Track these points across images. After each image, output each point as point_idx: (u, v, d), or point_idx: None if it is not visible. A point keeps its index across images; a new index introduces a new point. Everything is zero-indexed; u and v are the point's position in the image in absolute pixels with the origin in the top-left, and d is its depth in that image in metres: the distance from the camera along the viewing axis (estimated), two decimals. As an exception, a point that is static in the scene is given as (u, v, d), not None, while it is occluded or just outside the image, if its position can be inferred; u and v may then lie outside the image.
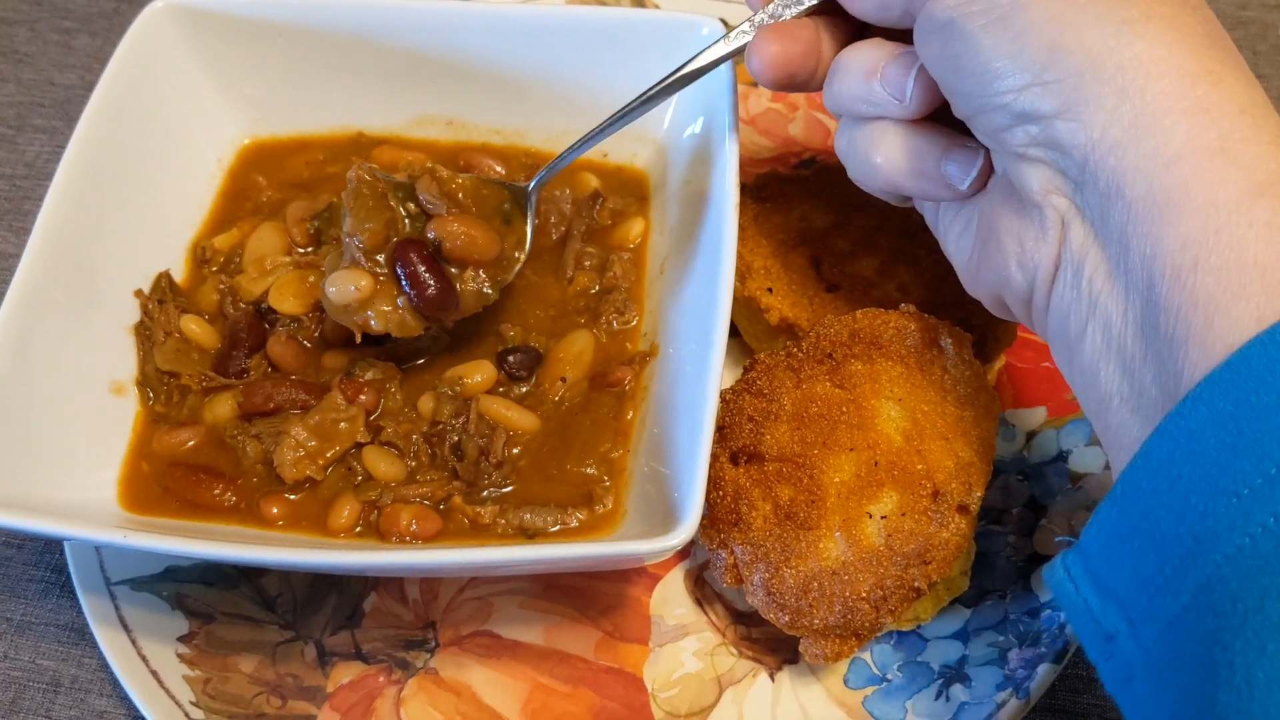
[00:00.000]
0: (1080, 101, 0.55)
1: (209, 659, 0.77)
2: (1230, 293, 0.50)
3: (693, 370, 0.74)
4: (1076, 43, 0.55)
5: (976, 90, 0.59)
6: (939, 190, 0.67)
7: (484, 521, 0.76)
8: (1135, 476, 0.50)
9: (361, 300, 0.77)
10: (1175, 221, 0.52)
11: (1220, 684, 0.44)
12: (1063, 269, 0.58)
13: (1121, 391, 0.55)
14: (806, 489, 0.71)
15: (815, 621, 0.69)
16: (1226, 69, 0.55)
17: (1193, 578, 0.47)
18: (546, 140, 0.93)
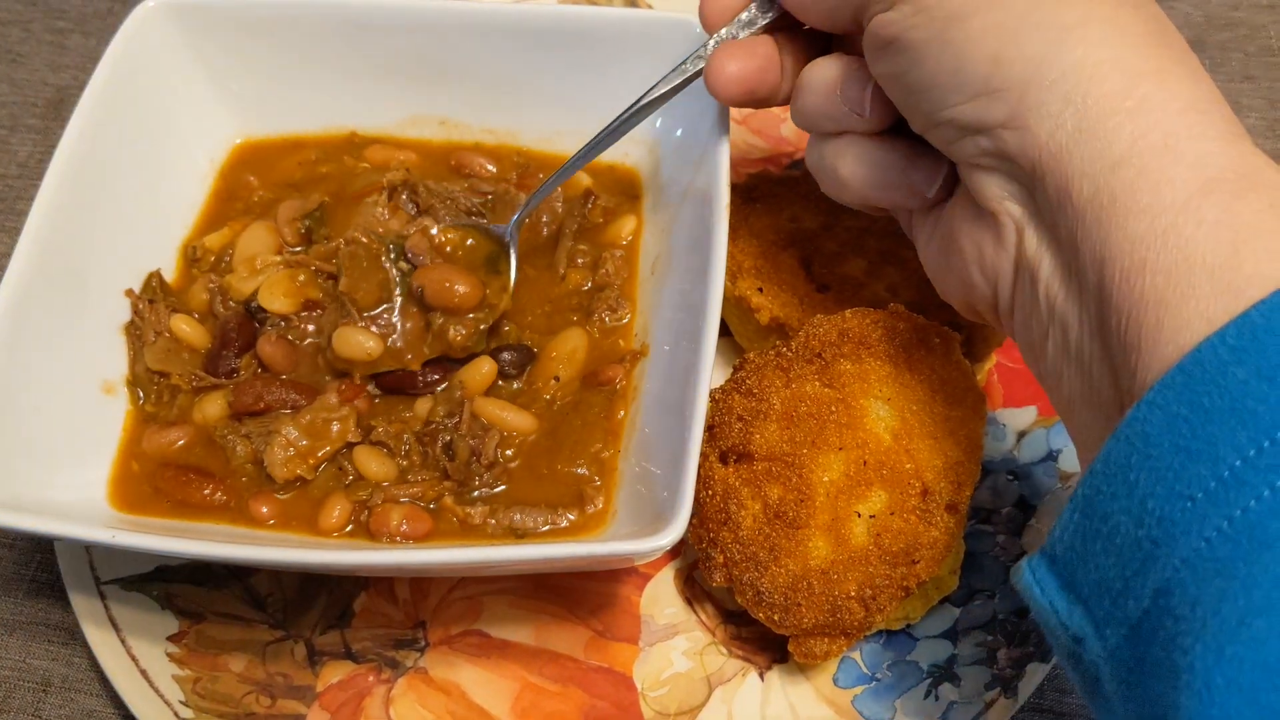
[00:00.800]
0: (1025, 110, 0.55)
1: (199, 658, 0.78)
2: (1179, 293, 0.50)
3: (683, 369, 0.74)
4: (1017, 52, 0.55)
5: (925, 105, 0.60)
6: (905, 200, 0.68)
7: (474, 522, 0.76)
8: (1095, 480, 0.50)
9: (371, 360, 0.80)
10: (1122, 223, 0.52)
11: (1181, 688, 0.44)
12: (1021, 275, 0.59)
13: (1083, 394, 0.55)
14: (795, 488, 0.71)
15: (804, 621, 0.69)
16: (1171, 65, 0.55)
17: (1152, 582, 0.47)
18: (539, 140, 0.93)
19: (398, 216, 0.89)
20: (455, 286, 0.81)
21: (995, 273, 0.60)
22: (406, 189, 0.89)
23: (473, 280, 0.82)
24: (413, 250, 0.83)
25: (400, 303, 0.82)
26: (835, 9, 0.66)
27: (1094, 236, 0.53)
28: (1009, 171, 0.58)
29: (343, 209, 0.90)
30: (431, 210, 0.88)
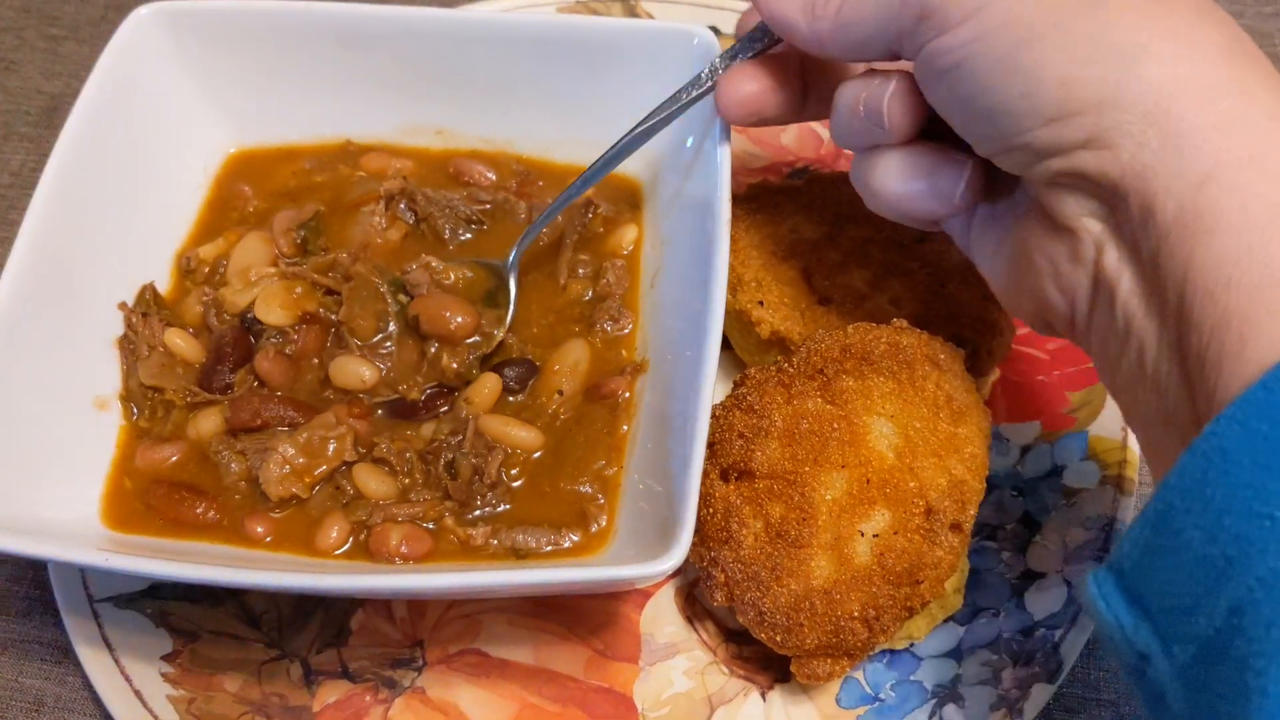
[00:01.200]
0: (1104, 131, 0.54)
1: (193, 678, 0.76)
2: (1265, 310, 0.49)
3: (684, 385, 0.73)
4: (1090, 74, 0.54)
5: (994, 133, 0.59)
6: (938, 207, 0.67)
7: (475, 543, 0.75)
8: (1169, 495, 0.49)
9: (367, 389, 0.80)
10: (1207, 241, 0.51)
11: (1253, 711, 0.43)
12: (1099, 291, 0.58)
13: (1159, 410, 0.54)
14: (797, 506, 0.70)
15: (807, 641, 0.68)
16: (1252, 78, 0.54)
17: (1225, 600, 0.46)
18: (537, 149, 0.92)
19: (396, 226, 0.88)
20: (450, 316, 0.81)
21: (1072, 289, 0.59)
22: (404, 197, 0.88)
23: (469, 310, 0.82)
24: (412, 284, 0.83)
25: (396, 332, 0.81)
26: (865, 42, 0.64)
27: (1178, 254, 0.52)
28: (1088, 190, 0.56)
29: (339, 218, 0.89)
30: (430, 219, 0.87)
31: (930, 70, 0.61)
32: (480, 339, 0.82)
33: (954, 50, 0.58)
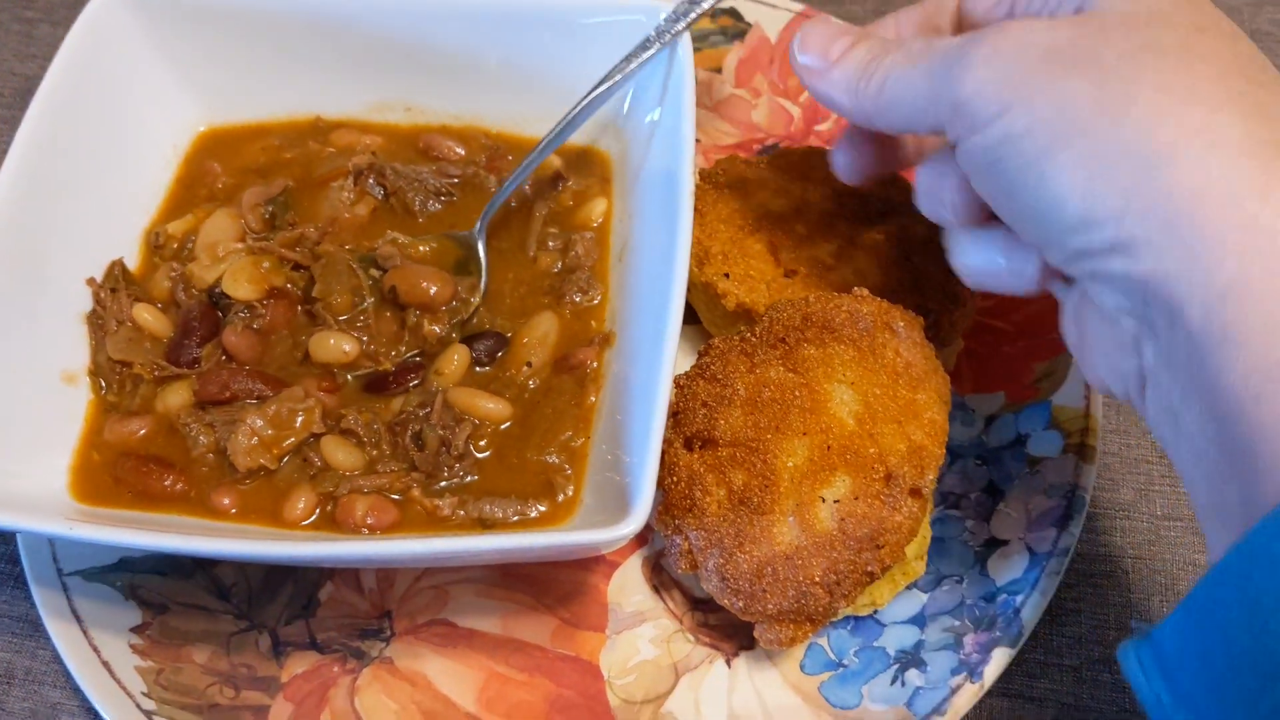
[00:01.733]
0: (1128, 239, 0.53)
1: (162, 650, 0.77)
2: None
3: (648, 355, 0.73)
4: (1111, 185, 0.54)
5: (1030, 230, 0.60)
6: (1016, 285, 0.67)
7: (442, 513, 0.75)
8: (1213, 590, 0.49)
9: (348, 361, 0.81)
10: (1235, 354, 0.50)
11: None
12: (1147, 383, 0.57)
13: (1210, 500, 0.54)
14: (760, 473, 0.71)
15: (769, 606, 0.69)
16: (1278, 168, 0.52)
17: (1269, 700, 0.46)
18: (506, 123, 0.93)
19: (364, 201, 0.88)
20: (428, 284, 0.82)
21: (1124, 373, 0.58)
22: (373, 172, 0.89)
23: (444, 277, 0.83)
24: (382, 258, 0.84)
25: (372, 305, 0.82)
26: (910, 122, 0.65)
27: (1207, 364, 0.51)
28: (1121, 288, 0.55)
29: (308, 194, 0.89)
30: (399, 193, 0.88)
31: (969, 161, 0.61)
32: (458, 304, 0.82)
33: (985, 151, 0.58)
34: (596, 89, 0.80)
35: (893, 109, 0.65)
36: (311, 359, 0.81)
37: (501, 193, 0.84)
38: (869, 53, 0.67)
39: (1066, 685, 0.76)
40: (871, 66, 0.66)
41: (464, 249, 0.85)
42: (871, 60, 0.66)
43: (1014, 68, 0.57)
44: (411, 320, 0.82)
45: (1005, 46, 0.58)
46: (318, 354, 0.81)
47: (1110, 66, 0.55)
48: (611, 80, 0.79)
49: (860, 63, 0.67)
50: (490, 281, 0.85)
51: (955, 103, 0.59)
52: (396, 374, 0.80)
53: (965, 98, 0.58)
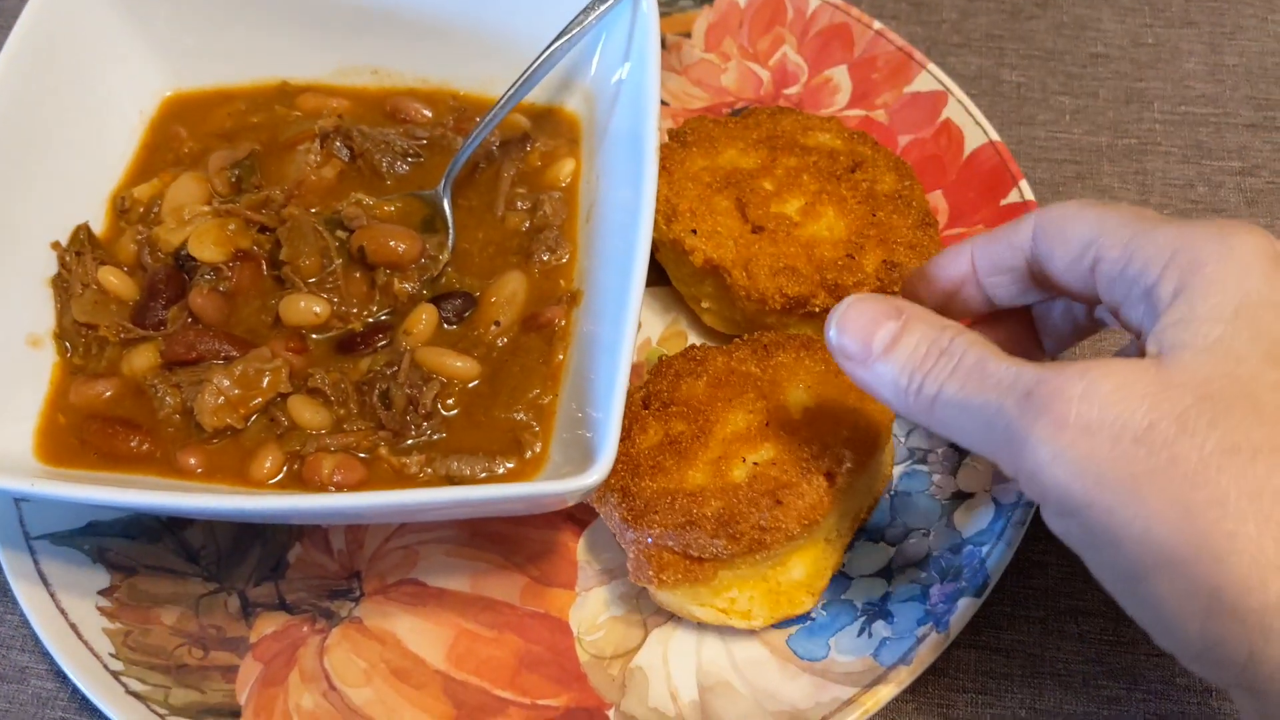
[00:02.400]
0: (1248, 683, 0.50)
1: (130, 611, 0.77)
2: None
3: (613, 312, 0.73)
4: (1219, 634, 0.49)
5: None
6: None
7: (409, 471, 0.75)
8: None
9: (320, 323, 0.81)
10: None
11: None
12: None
13: None
14: (698, 428, 0.73)
15: (654, 529, 0.69)
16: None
17: None
18: (474, 86, 0.92)
19: (331, 163, 0.88)
20: (396, 243, 0.82)
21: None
22: (340, 135, 0.88)
23: (411, 235, 0.83)
24: (348, 219, 0.83)
25: (340, 266, 0.82)
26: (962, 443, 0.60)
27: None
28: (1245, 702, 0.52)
29: (274, 158, 0.89)
30: (366, 155, 0.87)
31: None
32: (427, 261, 0.82)
33: (1068, 535, 0.54)
34: (557, 41, 0.80)
35: (946, 429, 0.59)
36: (282, 322, 0.81)
37: (465, 149, 0.84)
38: (919, 351, 0.59)
39: (1033, 636, 0.76)
40: (921, 374, 0.58)
41: (429, 207, 0.85)
42: (923, 362, 0.58)
43: (1084, 459, 0.51)
44: (381, 279, 0.82)
45: (1072, 429, 0.51)
46: (288, 317, 0.80)
47: (1192, 474, 0.49)
48: (571, 33, 0.79)
49: (908, 365, 0.59)
50: (459, 242, 0.85)
51: (1020, 472, 0.54)
52: (365, 334, 0.80)
53: (1031, 474, 0.53)
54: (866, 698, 0.70)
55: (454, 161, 0.84)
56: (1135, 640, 0.76)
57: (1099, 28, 1.10)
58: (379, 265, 0.81)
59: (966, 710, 0.74)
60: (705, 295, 0.85)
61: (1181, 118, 1.03)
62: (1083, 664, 0.75)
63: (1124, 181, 0.99)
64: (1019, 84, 1.06)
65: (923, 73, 0.97)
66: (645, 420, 0.75)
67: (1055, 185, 0.99)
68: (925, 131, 0.95)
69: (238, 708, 0.73)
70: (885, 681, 0.70)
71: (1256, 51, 1.07)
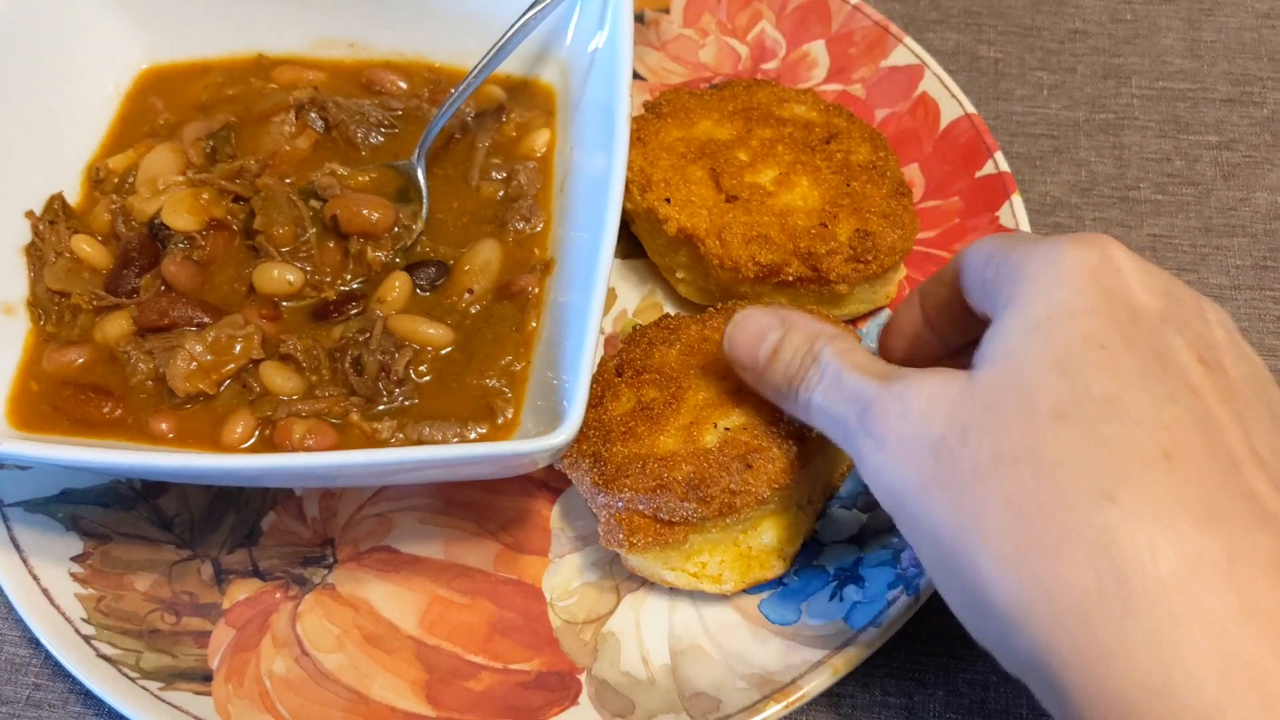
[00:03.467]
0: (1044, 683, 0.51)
1: (103, 578, 0.77)
2: None
3: (583, 275, 0.73)
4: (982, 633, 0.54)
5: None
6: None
7: (381, 437, 0.75)
8: None
9: (293, 291, 0.81)
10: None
11: None
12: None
13: None
14: (670, 394, 0.73)
15: (624, 492, 0.69)
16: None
17: None
18: (450, 59, 0.92)
19: (305, 134, 0.88)
20: (369, 212, 0.82)
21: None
22: (315, 107, 0.88)
23: (384, 204, 0.83)
24: (321, 188, 0.83)
25: (314, 235, 0.82)
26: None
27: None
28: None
29: (250, 129, 0.89)
30: (341, 126, 0.87)
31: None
32: (400, 230, 0.82)
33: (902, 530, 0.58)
34: (530, 11, 0.80)
35: (824, 432, 0.64)
36: (256, 291, 0.81)
37: (439, 118, 0.84)
38: (795, 359, 0.64)
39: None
40: (796, 382, 0.64)
41: (404, 177, 0.85)
42: (799, 370, 0.64)
43: (893, 471, 0.56)
44: (355, 248, 0.82)
45: (888, 444, 0.56)
46: (261, 285, 0.81)
47: (965, 484, 0.52)
48: (544, 3, 0.79)
49: (786, 373, 0.65)
50: (434, 211, 0.85)
51: (863, 473, 0.59)
52: (338, 302, 0.80)
53: (869, 476, 0.58)
54: (837, 659, 0.70)
55: (427, 131, 0.85)
56: (1107, 606, 0.76)
57: (1077, 4, 1.10)
58: (352, 234, 0.82)
59: (938, 674, 0.74)
60: (680, 265, 0.85)
61: (1159, 93, 1.04)
62: (1054, 629, 0.75)
63: (1100, 156, 1.00)
64: (996, 60, 1.06)
65: (899, 46, 0.97)
66: (618, 387, 0.74)
67: (1033, 160, 1.00)
68: (902, 105, 0.96)
69: (209, 672, 0.73)
70: (855, 643, 0.70)
71: (1234, 27, 1.08)
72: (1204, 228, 0.95)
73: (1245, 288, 0.92)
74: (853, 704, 0.73)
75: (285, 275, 0.80)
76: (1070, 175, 0.98)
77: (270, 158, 0.86)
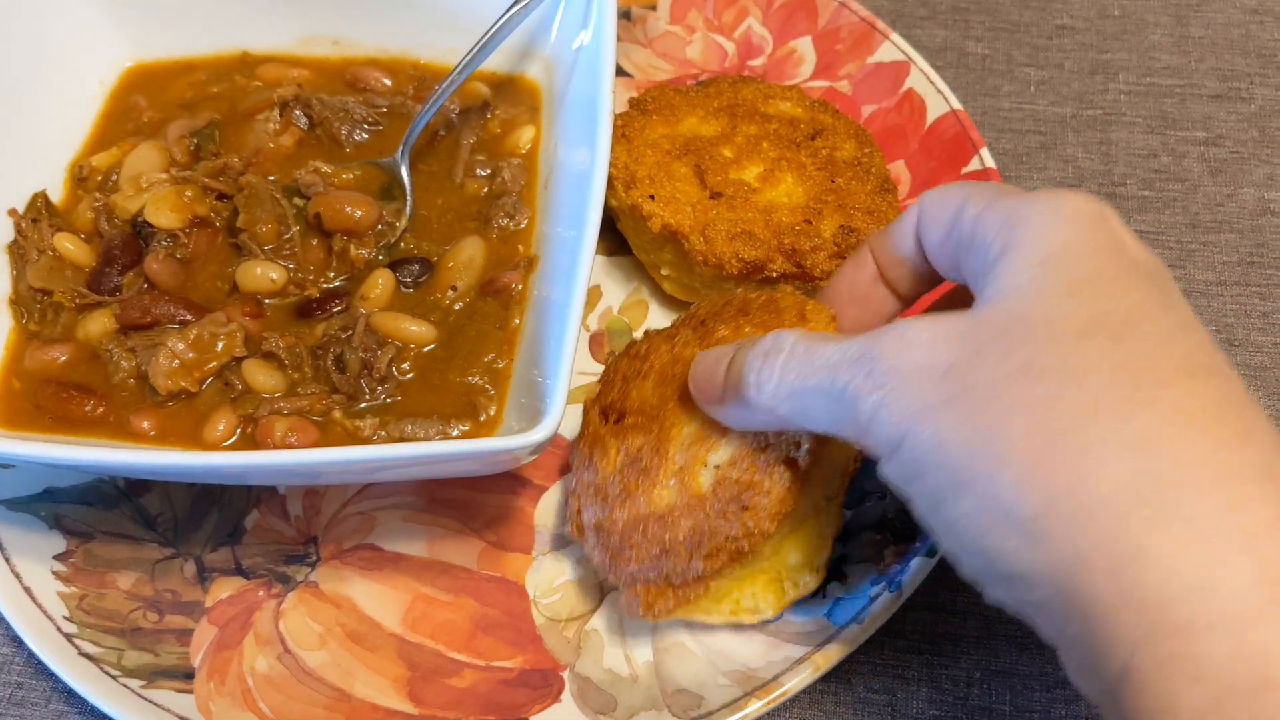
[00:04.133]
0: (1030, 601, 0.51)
1: (86, 576, 0.76)
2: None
3: (565, 272, 0.73)
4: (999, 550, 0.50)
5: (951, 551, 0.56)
6: None
7: (363, 435, 0.75)
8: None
9: (276, 289, 0.81)
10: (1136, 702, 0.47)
11: None
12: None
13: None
14: (655, 438, 0.70)
15: (631, 564, 0.67)
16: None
17: None
18: (434, 56, 0.92)
19: (290, 132, 0.88)
20: (351, 209, 0.82)
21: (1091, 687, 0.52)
22: (299, 104, 0.88)
23: (368, 202, 0.83)
24: (305, 185, 0.83)
25: (298, 233, 0.82)
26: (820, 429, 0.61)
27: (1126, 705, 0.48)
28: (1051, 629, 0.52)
29: (234, 127, 0.89)
30: (325, 123, 0.87)
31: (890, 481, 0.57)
32: (384, 228, 0.82)
33: (896, 476, 0.55)
34: (514, 7, 0.80)
35: (797, 417, 0.61)
36: (239, 289, 0.81)
37: (422, 115, 0.84)
38: (753, 364, 0.62)
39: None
40: (759, 378, 0.61)
41: (388, 174, 0.85)
42: (761, 369, 0.61)
43: (900, 399, 0.53)
44: (338, 246, 0.82)
45: (893, 377, 0.54)
46: (245, 283, 0.80)
47: (984, 398, 0.51)
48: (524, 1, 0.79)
49: (746, 378, 0.62)
50: (418, 209, 0.85)
51: (859, 429, 0.56)
52: (321, 299, 0.80)
53: (866, 427, 0.55)
54: (819, 656, 0.70)
55: (411, 128, 0.84)
56: (1091, 602, 0.76)
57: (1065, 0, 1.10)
58: (335, 232, 0.81)
59: (921, 671, 0.74)
60: (665, 262, 0.85)
61: (1147, 89, 1.04)
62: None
63: (1088, 151, 0.99)
64: (984, 56, 1.06)
65: (885, 43, 0.97)
66: (605, 441, 0.71)
67: (1020, 156, 1.00)
68: (888, 101, 0.95)
69: (191, 670, 0.73)
70: (837, 640, 0.70)
71: (1222, 23, 1.08)
72: (1191, 224, 0.95)
73: (1232, 283, 0.92)
74: (835, 700, 0.73)
75: (268, 273, 0.80)
76: (1057, 171, 0.98)
77: (254, 155, 0.86)
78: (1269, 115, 1.01)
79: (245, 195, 0.83)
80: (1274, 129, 1.00)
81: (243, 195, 0.83)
